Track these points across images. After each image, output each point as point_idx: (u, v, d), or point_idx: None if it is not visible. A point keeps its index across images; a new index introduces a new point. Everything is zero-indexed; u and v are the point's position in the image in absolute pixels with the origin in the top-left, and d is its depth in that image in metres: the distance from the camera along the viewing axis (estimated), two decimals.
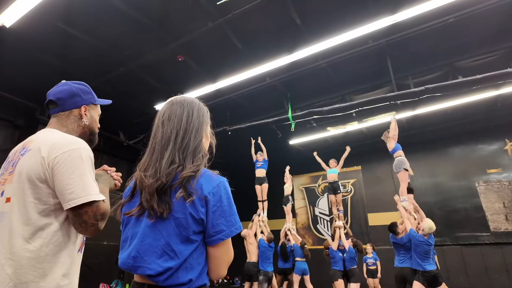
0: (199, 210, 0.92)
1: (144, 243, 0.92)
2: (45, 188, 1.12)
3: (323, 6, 4.89)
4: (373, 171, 10.52)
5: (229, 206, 0.97)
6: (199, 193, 0.93)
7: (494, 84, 5.91)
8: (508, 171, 8.49)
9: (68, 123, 1.35)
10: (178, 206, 0.92)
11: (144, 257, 0.90)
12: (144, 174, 0.97)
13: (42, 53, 5.52)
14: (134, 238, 0.96)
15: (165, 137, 1.02)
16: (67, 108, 1.35)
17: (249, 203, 8.59)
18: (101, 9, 4.65)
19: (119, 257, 0.98)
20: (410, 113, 7.87)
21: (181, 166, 0.97)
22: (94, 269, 7.38)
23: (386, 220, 9.80)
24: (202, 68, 6.19)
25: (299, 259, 7.03)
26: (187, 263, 0.91)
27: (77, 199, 1.09)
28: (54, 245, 1.11)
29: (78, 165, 1.13)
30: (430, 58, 6.09)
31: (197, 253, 0.93)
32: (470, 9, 4.69)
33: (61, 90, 1.36)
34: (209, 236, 0.94)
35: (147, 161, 1.02)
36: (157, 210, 0.91)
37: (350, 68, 6.43)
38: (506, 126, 8.59)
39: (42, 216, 1.11)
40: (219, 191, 0.96)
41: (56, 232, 1.12)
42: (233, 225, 0.96)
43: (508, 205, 8.25)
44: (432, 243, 4.99)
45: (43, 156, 1.13)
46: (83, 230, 1.14)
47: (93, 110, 1.44)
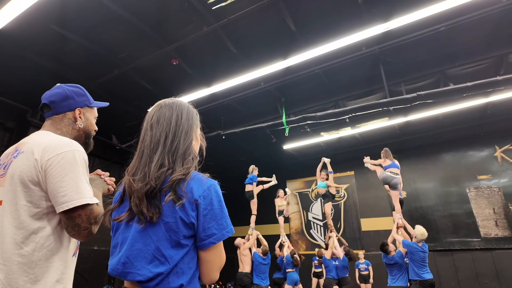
0: (189, 214, 0.90)
1: (134, 248, 0.90)
2: (38, 191, 1.10)
3: (318, 12, 4.95)
4: (366, 176, 10.58)
5: (220, 209, 0.95)
6: (190, 197, 0.91)
7: (483, 92, 6.04)
8: (497, 177, 8.63)
9: (62, 125, 1.33)
10: (168, 210, 0.90)
11: (134, 262, 0.89)
12: (132, 179, 0.96)
13: (35, 55, 5.46)
14: (124, 244, 0.94)
15: (154, 141, 1.01)
16: (60, 111, 1.33)
17: (241, 207, 8.58)
18: (96, 12, 4.63)
19: (109, 263, 0.96)
20: (402, 119, 7.97)
21: (171, 169, 0.96)
22: (84, 275, 7.25)
23: (378, 226, 9.89)
24: (197, 72, 6.20)
25: (291, 270, 7.01)
26: (178, 268, 0.89)
27: (70, 202, 1.07)
28: (47, 250, 1.09)
29: (71, 167, 1.11)
30: (422, 65, 6.19)
31: (188, 258, 0.92)
32: (460, 18, 4.80)
33: (54, 93, 1.34)
34: (200, 240, 0.92)
35: (136, 165, 1.00)
36: (147, 215, 0.89)
37: (344, 74, 6.50)
38: (495, 133, 8.75)
39: (34, 219, 1.09)
40: (210, 194, 0.95)
41: (49, 236, 1.10)
42: (225, 228, 0.95)
43: (498, 211, 8.37)
44: (426, 250, 5.04)
45: (36, 158, 1.11)
46: (75, 234, 1.11)
47: (89, 113, 1.42)
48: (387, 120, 8.17)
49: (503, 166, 8.65)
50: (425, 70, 6.23)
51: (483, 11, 4.67)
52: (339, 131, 8.85)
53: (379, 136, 9.39)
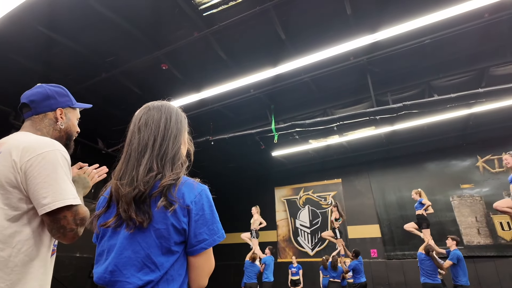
0: (181, 220, 0.89)
1: (123, 256, 0.88)
2: (16, 193, 1.06)
3: (308, 22, 5.04)
4: (353, 184, 10.71)
5: (211, 215, 0.94)
6: (181, 202, 0.90)
7: (466, 103, 6.23)
8: (479, 186, 8.87)
9: (43, 126, 1.28)
10: (159, 217, 0.88)
11: (123, 270, 0.86)
12: (120, 183, 0.93)
13: (20, 56, 5.33)
14: (111, 251, 0.91)
15: (142, 144, 0.98)
16: (40, 111, 1.29)
17: (231, 212, 8.54)
18: (84, 14, 4.57)
19: (94, 272, 0.93)
20: (388, 129, 8.12)
21: (160, 174, 0.94)
22: (64, 283, 7.00)
23: (365, 233, 9.98)
24: (186, 77, 6.18)
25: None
26: (168, 275, 0.87)
27: (53, 203, 1.03)
28: (24, 255, 1.04)
29: (53, 167, 1.08)
30: (408, 76, 6.36)
31: (178, 264, 0.90)
32: (444, 32, 4.97)
33: (35, 92, 1.30)
34: (191, 246, 0.91)
35: (123, 169, 0.97)
36: (136, 220, 0.87)
37: (332, 83, 6.61)
38: (477, 144, 9.02)
39: (11, 222, 1.04)
40: (201, 200, 0.93)
41: (27, 240, 1.06)
42: (216, 233, 0.93)
43: (480, 219, 8.58)
44: None
45: (15, 160, 1.06)
46: (60, 236, 1.08)
47: (71, 114, 1.38)
48: (373, 129, 8.32)
49: (485, 175, 8.89)
50: (411, 81, 6.39)
51: (466, 25, 4.85)
52: (327, 139, 8.95)
53: (365, 145, 9.55)
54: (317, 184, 11.32)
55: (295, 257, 9.47)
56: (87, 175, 1.41)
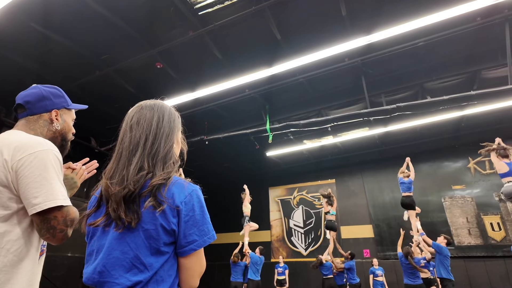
0: (170, 220, 0.88)
1: (111, 256, 0.87)
2: (6, 192, 1.05)
3: (303, 23, 5.06)
4: (346, 184, 10.77)
5: (202, 215, 0.93)
6: (171, 203, 0.88)
7: (458, 105, 6.31)
8: (471, 187, 8.99)
9: (37, 127, 1.27)
10: (147, 217, 0.87)
11: (111, 271, 0.85)
12: (110, 182, 0.92)
13: (13, 53, 5.26)
14: (100, 252, 0.90)
15: (133, 142, 0.97)
16: (36, 112, 1.28)
17: (225, 212, 8.53)
18: (79, 12, 4.53)
19: (84, 272, 0.92)
20: (382, 130, 8.19)
21: (151, 173, 0.93)
22: (56, 283, 6.92)
23: (358, 233, 10.04)
24: (181, 76, 6.15)
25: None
26: (157, 275, 0.86)
27: (43, 203, 1.02)
28: (13, 255, 1.03)
29: (45, 167, 1.07)
30: (402, 78, 6.42)
31: (168, 265, 0.89)
32: (437, 35, 5.03)
33: (30, 93, 1.29)
34: (181, 247, 0.90)
35: (113, 168, 0.96)
36: (125, 220, 0.86)
37: (327, 84, 6.64)
38: (469, 145, 9.12)
39: (1, 222, 1.03)
40: (191, 200, 0.92)
41: (16, 240, 1.04)
42: (206, 234, 0.92)
43: (471, 220, 8.70)
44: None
45: (6, 159, 1.05)
46: (50, 237, 1.06)
47: (66, 115, 1.37)
48: (367, 130, 8.38)
49: (476, 177, 9.02)
50: (404, 83, 6.46)
51: (459, 28, 4.92)
52: (321, 139, 8.99)
53: (359, 145, 9.61)
54: (311, 184, 11.37)
55: (282, 257, 9.45)
56: (75, 174, 1.40)
